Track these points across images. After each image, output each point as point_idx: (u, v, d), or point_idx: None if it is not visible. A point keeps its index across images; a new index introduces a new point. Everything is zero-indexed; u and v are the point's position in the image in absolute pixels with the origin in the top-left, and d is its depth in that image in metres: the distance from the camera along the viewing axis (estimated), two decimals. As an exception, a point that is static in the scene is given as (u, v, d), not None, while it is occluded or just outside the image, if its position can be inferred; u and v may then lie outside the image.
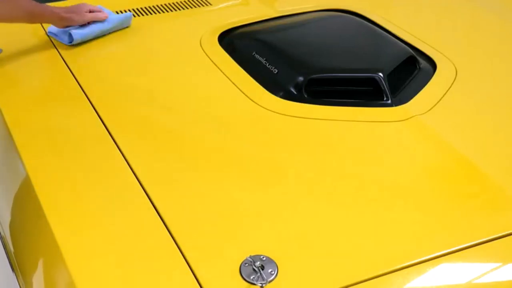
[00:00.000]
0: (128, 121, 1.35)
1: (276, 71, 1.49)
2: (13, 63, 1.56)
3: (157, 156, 1.24)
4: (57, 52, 1.60)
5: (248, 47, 1.61)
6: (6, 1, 1.41)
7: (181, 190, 1.14)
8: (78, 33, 1.58)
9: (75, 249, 1.01)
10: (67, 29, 1.59)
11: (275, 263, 0.97)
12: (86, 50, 1.63)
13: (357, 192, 1.17)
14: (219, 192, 1.14)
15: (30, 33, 1.70)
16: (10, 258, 1.17)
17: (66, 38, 1.59)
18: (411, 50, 1.59)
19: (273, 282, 0.94)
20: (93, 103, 1.38)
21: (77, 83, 1.46)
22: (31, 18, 1.50)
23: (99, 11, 1.65)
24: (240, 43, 1.65)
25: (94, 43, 1.66)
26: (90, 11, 1.62)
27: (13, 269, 1.15)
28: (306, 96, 1.42)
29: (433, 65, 1.59)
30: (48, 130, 1.32)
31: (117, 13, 1.74)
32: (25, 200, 1.17)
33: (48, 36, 1.66)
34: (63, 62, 1.56)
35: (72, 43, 1.58)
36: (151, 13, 1.83)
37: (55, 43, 1.63)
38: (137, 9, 1.84)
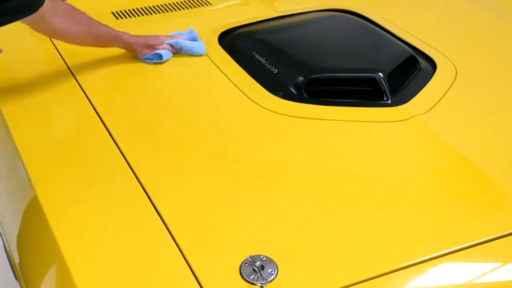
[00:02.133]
0: (128, 121, 1.35)
1: (276, 71, 1.49)
2: (13, 63, 1.56)
3: (157, 156, 1.24)
4: (57, 52, 1.60)
5: (248, 47, 1.61)
6: (86, 26, 1.48)
7: (181, 190, 1.14)
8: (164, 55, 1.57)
9: (75, 248, 1.01)
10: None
11: (275, 263, 0.97)
12: (85, 50, 1.62)
13: (357, 192, 1.16)
14: (219, 192, 1.14)
15: (30, 33, 1.70)
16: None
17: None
18: (411, 50, 1.59)
19: (273, 282, 0.94)
20: (93, 103, 1.38)
21: (77, 84, 1.46)
22: (104, 44, 1.55)
23: (167, 47, 1.59)
24: (240, 43, 1.65)
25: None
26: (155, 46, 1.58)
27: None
28: (306, 96, 1.42)
29: (433, 65, 1.59)
30: (49, 130, 1.32)
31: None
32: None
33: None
34: (63, 62, 1.56)
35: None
36: (151, 13, 1.83)
37: (54, 43, 1.63)
38: (137, 9, 1.84)
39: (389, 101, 1.41)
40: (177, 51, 1.59)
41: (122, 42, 1.54)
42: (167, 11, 1.84)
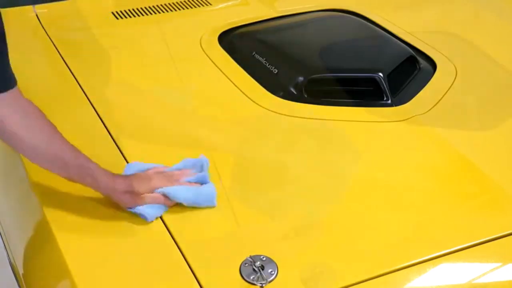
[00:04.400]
0: (128, 121, 1.35)
1: (276, 71, 1.49)
2: (13, 63, 1.56)
3: (157, 157, 1.24)
4: (57, 51, 1.60)
5: (248, 47, 1.61)
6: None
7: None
8: (151, 214, 1.06)
9: (75, 249, 1.01)
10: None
11: (275, 263, 0.97)
12: (86, 49, 1.63)
13: (357, 192, 1.16)
14: (218, 191, 1.14)
15: (30, 33, 1.70)
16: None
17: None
18: (411, 50, 1.59)
19: (273, 282, 0.94)
20: (93, 103, 1.38)
21: (77, 83, 1.46)
22: (63, 170, 1.07)
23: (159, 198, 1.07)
24: (240, 43, 1.65)
25: (93, 43, 1.66)
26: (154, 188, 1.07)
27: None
28: (306, 96, 1.42)
29: (433, 65, 1.59)
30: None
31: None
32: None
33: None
34: (63, 62, 1.56)
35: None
36: (151, 13, 1.83)
37: (54, 42, 1.63)
38: (137, 9, 1.84)
39: (389, 101, 1.41)
40: (174, 203, 1.08)
41: (90, 179, 1.05)
42: (167, 11, 1.84)
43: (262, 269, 0.94)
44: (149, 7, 1.85)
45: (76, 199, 1.11)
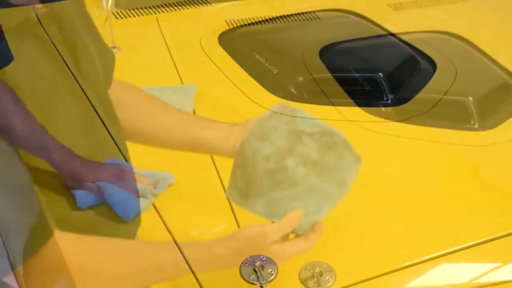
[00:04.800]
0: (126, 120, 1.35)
1: (276, 71, 1.49)
2: (12, 63, 1.56)
3: (156, 157, 1.24)
4: (55, 50, 1.59)
5: (248, 47, 1.61)
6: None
7: (181, 190, 1.14)
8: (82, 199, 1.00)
9: (77, 253, 1.01)
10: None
11: (275, 263, 0.96)
12: (85, 49, 1.62)
13: (356, 192, 1.16)
14: (218, 191, 1.14)
15: (29, 31, 1.70)
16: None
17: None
18: (411, 50, 1.59)
19: (272, 282, 0.94)
20: (92, 102, 1.38)
21: (76, 83, 1.46)
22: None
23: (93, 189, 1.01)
24: (240, 43, 1.65)
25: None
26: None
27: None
28: (306, 96, 1.42)
29: (433, 65, 1.59)
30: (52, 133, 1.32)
31: None
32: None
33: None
34: (63, 61, 1.55)
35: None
36: (151, 13, 1.83)
37: (53, 41, 1.63)
38: (137, 9, 1.84)
39: (389, 101, 1.41)
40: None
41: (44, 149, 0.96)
42: (167, 11, 1.84)
43: (262, 269, 0.94)
44: (149, 7, 1.85)
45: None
